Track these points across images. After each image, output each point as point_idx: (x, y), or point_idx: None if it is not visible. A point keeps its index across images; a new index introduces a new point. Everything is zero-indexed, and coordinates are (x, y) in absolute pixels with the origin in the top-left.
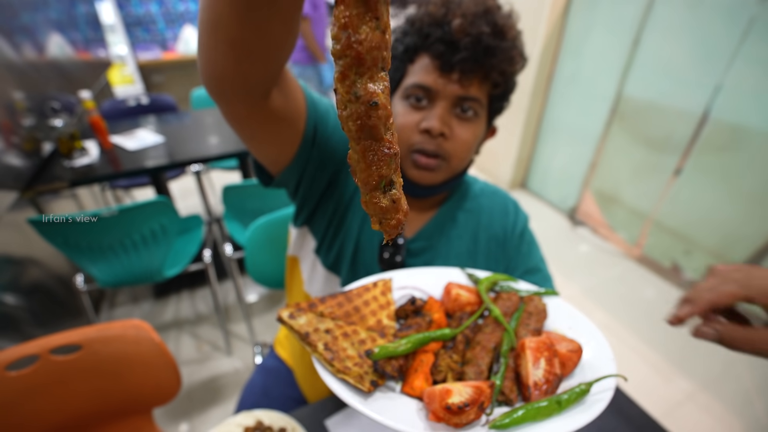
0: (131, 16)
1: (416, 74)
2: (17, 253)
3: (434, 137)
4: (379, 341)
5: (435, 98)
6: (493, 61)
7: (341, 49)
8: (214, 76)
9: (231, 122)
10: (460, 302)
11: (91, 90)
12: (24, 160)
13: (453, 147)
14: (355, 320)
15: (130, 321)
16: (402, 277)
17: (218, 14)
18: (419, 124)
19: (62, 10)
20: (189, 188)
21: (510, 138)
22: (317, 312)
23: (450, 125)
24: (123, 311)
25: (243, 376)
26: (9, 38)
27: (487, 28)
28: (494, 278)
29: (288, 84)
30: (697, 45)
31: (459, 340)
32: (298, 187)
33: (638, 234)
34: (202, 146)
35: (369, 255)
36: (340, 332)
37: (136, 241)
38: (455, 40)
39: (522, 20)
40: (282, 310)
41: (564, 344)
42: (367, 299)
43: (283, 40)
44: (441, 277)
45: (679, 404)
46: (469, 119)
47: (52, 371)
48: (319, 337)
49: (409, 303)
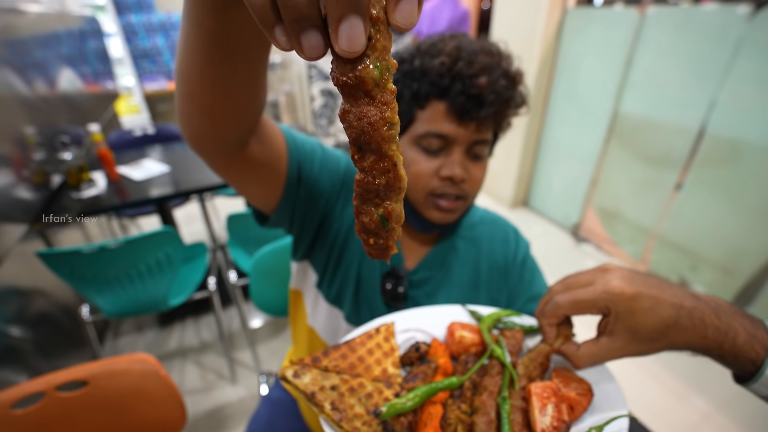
0: (138, 49)
1: (431, 122)
2: (25, 285)
3: (457, 183)
4: (386, 392)
5: (452, 145)
6: (509, 111)
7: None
8: (192, 136)
9: (215, 171)
10: (464, 344)
11: (99, 122)
12: (34, 192)
13: (471, 188)
14: (360, 371)
15: (135, 355)
16: (404, 319)
17: (191, 87)
18: (438, 170)
19: (73, 45)
20: (193, 214)
21: (510, 157)
22: (321, 367)
23: (467, 169)
24: (127, 340)
25: (248, 405)
26: (22, 75)
27: (504, 81)
28: (497, 315)
29: (265, 131)
30: (688, 63)
31: (466, 386)
32: (292, 224)
33: (643, 249)
34: (206, 174)
35: (371, 288)
36: (346, 387)
37: (142, 271)
38: (481, 95)
39: (517, 42)
40: (286, 368)
41: (573, 385)
42: (370, 347)
43: (252, 104)
44: (443, 316)
45: (696, 426)
46: (482, 158)
47: (58, 408)
48: (326, 396)
49: (414, 350)
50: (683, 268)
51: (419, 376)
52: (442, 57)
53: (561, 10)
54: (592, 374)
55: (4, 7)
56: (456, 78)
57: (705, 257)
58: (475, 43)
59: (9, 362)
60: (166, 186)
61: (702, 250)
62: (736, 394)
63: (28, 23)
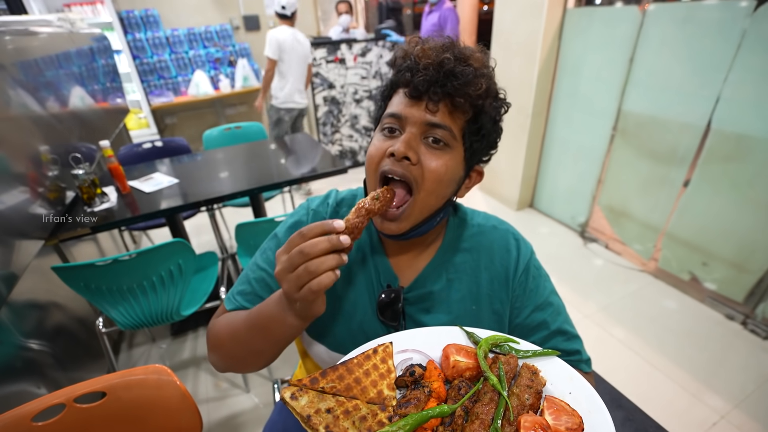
0: (146, 64)
1: (391, 106)
2: (42, 299)
3: (399, 160)
4: (380, 415)
5: (405, 126)
6: (455, 83)
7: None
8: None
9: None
10: (458, 369)
11: (109, 137)
12: (48, 209)
13: (420, 173)
14: (357, 393)
15: (151, 366)
16: (402, 340)
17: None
18: (387, 150)
19: (84, 63)
20: (202, 224)
21: (515, 158)
22: (318, 388)
23: (417, 151)
24: (141, 351)
25: (262, 412)
26: (35, 94)
27: (449, 55)
28: (494, 339)
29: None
30: (691, 59)
31: (458, 414)
32: None
33: (652, 247)
34: (214, 186)
35: (362, 312)
36: (341, 410)
37: (155, 282)
38: (426, 70)
39: (519, 43)
40: (284, 389)
41: (564, 419)
42: (367, 369)
43: (275, 356)
44: (441, 337)
45: (713, 425)
46: (439, 148)
47: (77, 419)
48: (321, 420)
49: (408, 374)
50: (694, 265)
51: (412, 402)
52: (404, 45)
53: (561, 10)
54: (584, 404)
55: (16, 30)
56: (406, 58)
57: (716, 253)
58: (442, 38)
59: (28, 374)
60: (175, 198)
61: (713, 247)
62: (753, 389)
63: (40, 44)
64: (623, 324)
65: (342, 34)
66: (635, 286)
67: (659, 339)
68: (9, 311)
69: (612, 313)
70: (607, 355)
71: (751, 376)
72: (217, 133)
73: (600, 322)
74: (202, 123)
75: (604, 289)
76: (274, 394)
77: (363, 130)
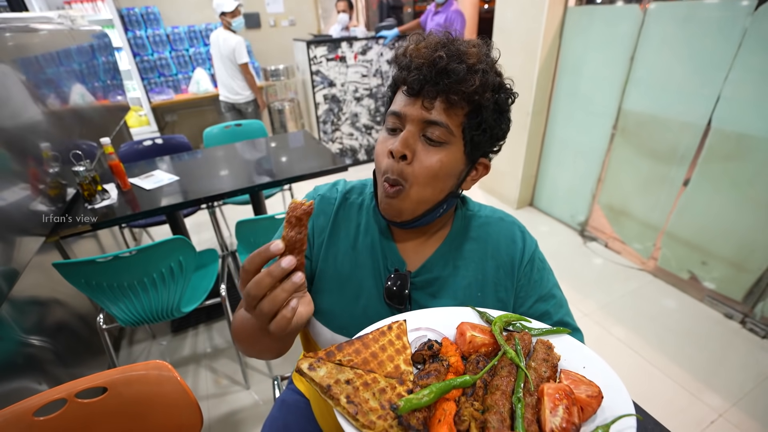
0: (146, 62)
1: (393, 104)
2: (43, 295)
3: (396, 161)
4: (399, 389)
5: (404, 123)
6: (447, 81)
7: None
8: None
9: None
10: (475, 344)
11: (110, 135)
12: (49, 205)
13: (412, 171)
14: (374, 367)
15: (152, 362)
16: (415, 318)
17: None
18: (387, 149)
19: (84, 61)
20: (203, 222)
21: (515, 157)
22: (335, 361)
23: (414, 149)
24: (142, 347)
25: (262, 409)
26: (36, 91)
27: (442, 53)
28: (507, 317)
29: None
30: (692, 58)
31: (478, 386)
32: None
33: (652, 246)
34: (214, 183)
35: (367, 296)
36: (361, 382)
37: (155, 279)
38: (420, 68)
39: (519, 42)
40: (301, 360)
41: (583, 388)
42: (383, 344)
43: (287, 346)
44: (453, 316)
45: (711, 423)
46: (436, 145)
47: (78, 415)
48: (341, 390)
49: (426, 348)
50: (693, 265)
51: (432, 374)
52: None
53: (562, 9)
54: (599, 377)
55: (17, 27)
56: (405, 59)
57: (715, 253)
58: (441, 34)
59: (29, 370)
60: (176, 195)
61: (712, 246)
62: (752, 388)
63: (41, 41)
64: (622, 322)
65: (342, 32)
66: (635, 284)
67: (658, 337)
68: (10, 307)
69: (611, 312)
70: (607, 353)
71: (750, 375)
72: (218, 130)
73: (599, 321)
74: (202, 120)
75: (603, 287)
76: (274, 391)
77: (363, 128)
